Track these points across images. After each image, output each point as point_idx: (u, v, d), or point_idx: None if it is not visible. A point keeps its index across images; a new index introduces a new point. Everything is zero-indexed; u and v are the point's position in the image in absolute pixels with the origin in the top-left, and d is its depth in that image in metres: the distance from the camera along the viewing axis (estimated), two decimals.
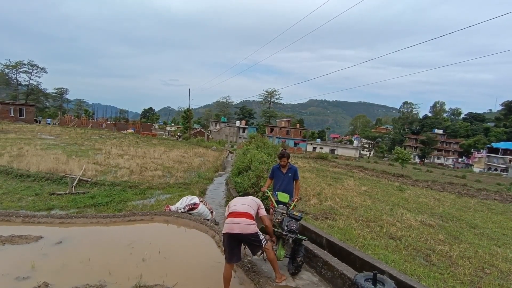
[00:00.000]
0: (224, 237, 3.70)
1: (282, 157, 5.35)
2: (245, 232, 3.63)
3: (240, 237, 3.66)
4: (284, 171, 5.40)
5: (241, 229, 3.61)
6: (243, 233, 3.62)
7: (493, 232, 7.51)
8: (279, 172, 5.44)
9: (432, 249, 5.46)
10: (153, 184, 9.81)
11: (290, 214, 4.37)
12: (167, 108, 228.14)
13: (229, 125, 75.44)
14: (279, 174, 5.44)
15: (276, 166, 5.57)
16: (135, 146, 22.37)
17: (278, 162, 5.53)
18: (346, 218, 7.03)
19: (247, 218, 3.70)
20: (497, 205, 13.16)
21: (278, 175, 5.45)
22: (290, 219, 4.27)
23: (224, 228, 3.71)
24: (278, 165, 5.51)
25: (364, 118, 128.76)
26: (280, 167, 5.45)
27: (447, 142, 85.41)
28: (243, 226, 3.63)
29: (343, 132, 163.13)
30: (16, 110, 39.41)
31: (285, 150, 5.84)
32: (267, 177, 5.75)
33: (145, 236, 5.25)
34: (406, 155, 33.05)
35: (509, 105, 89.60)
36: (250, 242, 3.77)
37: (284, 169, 5.41)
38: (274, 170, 5.52)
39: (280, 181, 5.37)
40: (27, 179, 8.96)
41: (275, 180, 5.49)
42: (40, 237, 4.74)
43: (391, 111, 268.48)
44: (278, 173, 5.45)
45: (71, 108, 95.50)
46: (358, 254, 4.37)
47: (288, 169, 5.41)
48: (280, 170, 5.43)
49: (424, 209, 9.65)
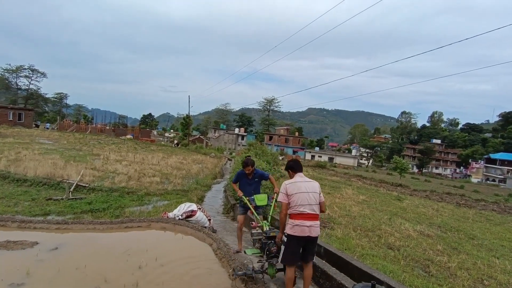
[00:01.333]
0: (292, 239, 3.44)
1: (246, 166, 5.19)
2: (316, 234, 3.48)
3: (309, 239, 3.46)
4: (250, 177, 5.29)
5: (312, 232, 3.42)
6: (315, 236, 3.46)
7: (492, 243, 7.49)
8: (245, 178, 5.30)
9: (431, 260, 5.43)
10: (150, 190, 9.77)
11: (268, 235, 4.06)
12: (167, 114, 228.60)
13: (228, 132, 75.55)
14: (245, 180, 5.30)
15: (242, 170, 5.37)
16: (134, 152, 22.32)
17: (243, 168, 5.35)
18: (344, 227, 7.00)
19: (317, 220, 3.51)
20: (495, 216, 13.15)
21: (244, 180, 5.31)
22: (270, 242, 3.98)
23: (293, 230, 3.42)
24: (243, 170, 5.33)
25: (363, 127, 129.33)
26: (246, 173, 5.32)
27: (445, 152, 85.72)
28: (314, 229, 3.44)
29: (342, 141, 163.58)
30: (15, 114, 39.38)
31: (249, 157, 5.69)
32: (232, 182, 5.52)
33: (142, 243, 5.21)
34: (404, 165, 33.16)
35: (506, 116, 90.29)
36: (314, 245, 3.62)
37: (250, 175, 5.29)
38: (240, 175, 5.36)
39: (247, 186, 5.27)
40: (24, 184, 8.91)
41: (241, 186, 5.33)
42: (36, 242, 4.68)
43: (389, 121, 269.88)
44: (244, 179, 5.31)
45: (70, 113, 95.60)
46: (356, 264, 4.34)
47: (254, 174, 5.31)
48: (246, 176, 5.30)
49: (423, 219, 9.63)
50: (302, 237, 3.42)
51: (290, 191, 3.54)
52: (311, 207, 3.49)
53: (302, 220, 3.42)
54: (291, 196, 3.52)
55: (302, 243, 3.48)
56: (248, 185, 5.26)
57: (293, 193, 3.52)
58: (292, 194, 3.51)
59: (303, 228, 3.40)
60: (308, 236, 3.41)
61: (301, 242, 3.47)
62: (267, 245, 3.95)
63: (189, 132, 55.80)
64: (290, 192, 3.53)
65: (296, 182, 3.62)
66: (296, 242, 3.46)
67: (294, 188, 3.55)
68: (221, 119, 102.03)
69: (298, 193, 3.51)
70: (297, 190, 3.52)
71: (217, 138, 74.16)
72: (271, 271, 3.91)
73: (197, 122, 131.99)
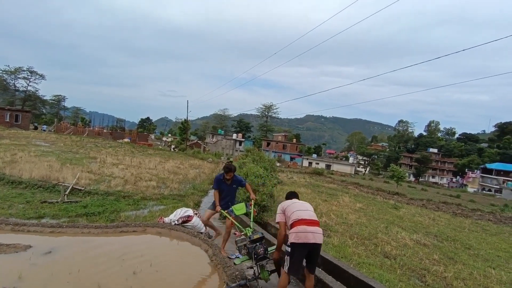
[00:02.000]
0: (296, 247, 3.38)
1: (229, 171, 5.17)
2: (321, 241, 3.46)
3: (313, 247, 3.42)
4: (229, 183, 5.27)
5: (316, 239, 3.40)
6: (319, 242, 3.44)
7: (488, 254, 7.49)
8: (224, 184, 5.28)
9: (427, 269, 5.42)
10: (147, 194, 9.71)
11: (251, 239, 4.03)
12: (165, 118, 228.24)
13: (226, 137, 75.51)
14: (224, 186, 5.28)
15: (220, 176, 5.32)
16: (131, 155, 22.23)
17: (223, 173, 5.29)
18: (341, 235, 6.98)
19: (318, 226, 3.51)
20: (491, 226, 13.17)
21: (223, 186, 5.28)
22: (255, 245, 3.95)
23: (297, 237, 3.38)
24: (222, 176, 5.28)
25: (360, 135, 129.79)
26: (225, 179, 5.28)
27: (441, 161, 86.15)
28: (317, 236, 3.42)
29: (339, 148, 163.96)
30: (12, 115, 39.22)
31: (231, 162, 5.69)
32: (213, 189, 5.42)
33: (137, 248, 5.15)
34: (401, 173, 33.22)
35: (502, 126, 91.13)
36: (318, 253, 3.59)
37: (229, 180, 5.27)
38: (219, 181, 5.30)
39: (225, 192, 5.27)
40: (19, 186, 8.82)
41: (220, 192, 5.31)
42: (29, 246, 4.62)
43: (387, 129, 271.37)
44: (223, 185, 5.28)
45: (68, 116, 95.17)
46: (352, 273, 4.32)
47: (233, 180, 5.29)
48: (225, 181, 5.28)
49: (419, 228, 9.63)
50: (307, 245, 3.37)
51: (284, 206, 3.75)
52: (308, 212, 3.54)
53: (304, 225, 3.40)
54: (286, 208, 3.67)
55: (306, 250, 3.43)
56: (227, 191, 5.28)
57: (288, 205, 3.71)
58: (287, 206, 3.70)
59: (306, 234, 3.36)
60: (313, 244, 3.38)
61: (306, 249, 3.42)
62: (253, 248, 3.91)
63: (187, 136, 55.70)
64: (284, 206, 3.73)
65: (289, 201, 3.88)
66: (300, 250, 3.41)
67: (288, 202, 3.79)
68: (219, 125, 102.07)
69: (292, 204, 3.71)
70: (291, 203, 3.75)
71: (214, 143, 74.08)
72: (264, 274, 3.88)
73: (195, 127, 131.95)
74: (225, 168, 5.24)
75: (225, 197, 5.27)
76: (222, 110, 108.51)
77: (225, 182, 5.26)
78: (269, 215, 8.07)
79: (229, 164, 5.36)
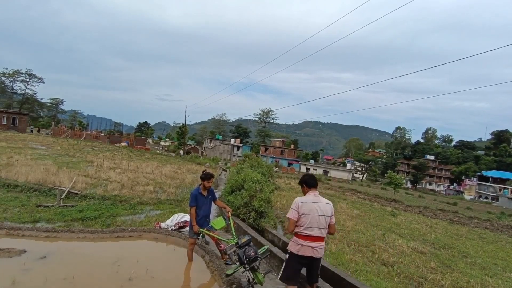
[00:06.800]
0: (294, 257, 3.39)
1: (211, 177, 4.88)
2: (320, 255, 3.42)
3: (312, 260, 3.40)
4: (206, 194, 4.91)
5: (315, 253, 3.36)
6: (318, 257, 3.41)
7: (485, 262, 7.49)
8: (202, 197, 4.87)
9: (424, 277, 5.40)
10: (143, 199, 9.65)
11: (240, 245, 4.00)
12: (162, 123, 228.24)
13: (224, 142, 75.45)
14: (202, 199, 4.87)
15: (197, 191, 4.87)
16: (128, 159, 22.13)
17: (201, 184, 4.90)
18: (338, 242, 6.96)
19: (322, 241, 3.44)
20: (488, 234, 13.19)
21: (201, 201, 4.86)
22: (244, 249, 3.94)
23: (297, 249, 3.36)
24: (199, 189, 4.88)
25: (358, 141, 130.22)
26: (202, 190, 4.88)
27: (438, 168, 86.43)
28: (319, 250, 3.38)
29: (337, 154, 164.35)
30: (9, 118, 39.03)
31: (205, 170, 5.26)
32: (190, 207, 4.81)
33: (133, 254, 5.11)
34: (398, 180, 33.25)
35: (498, 134, 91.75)
36: (318, 266, 3.54)
37: (205, 192, 4.91)
38: (197, 196, 4.83)
39: (203, 208, 4.88)
40: (15, 190, 8.74)
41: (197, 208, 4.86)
42: (24, 251, 4.57)
43: (384, 136, 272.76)
44: (201, 198, 4.87)
45: (65, 119, 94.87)
46: (350, 281, 4.29)
47: (208, 191, 4.95)
48: (202, 195, 4.87)
49: (416, 236, 9.62)
50: (305, 257, 3.37)
51: (302, 210, 3.39)
52: (320, 230, 3.38)
53: (308, 241, 3.36)
54: (302, 216, 3.38)
55: (303, 262, 3.42)
56: (204, 205, 4.90)
57: (305, 213, 3.37)
58: (304, 215, 3.37)
59: (308, 248, 3.34)
60: (311, 257, 3.36)
61: (303, 261, 3.41)
62: (244, 252, 3.89)
63: (184, 141, 55.61)
64: (302, 211, 3.38)
65: (309, 202, 3.44)
66: (297, 260, 3.41)
67: (306, 208, 3.38)
68: (217, 129, 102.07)
69: (309, 215, 3.36)
70: (308, 211, 3.37)
71: (212, 148, 73.97)
72: (259, 277, 3.85)
73: (193, 131, 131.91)
74: (207, 174, 4.89)
75: (202, 213, 4.90)
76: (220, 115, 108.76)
77: (202, 195, 4.89)
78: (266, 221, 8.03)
79: (207, 171, 5.01)
